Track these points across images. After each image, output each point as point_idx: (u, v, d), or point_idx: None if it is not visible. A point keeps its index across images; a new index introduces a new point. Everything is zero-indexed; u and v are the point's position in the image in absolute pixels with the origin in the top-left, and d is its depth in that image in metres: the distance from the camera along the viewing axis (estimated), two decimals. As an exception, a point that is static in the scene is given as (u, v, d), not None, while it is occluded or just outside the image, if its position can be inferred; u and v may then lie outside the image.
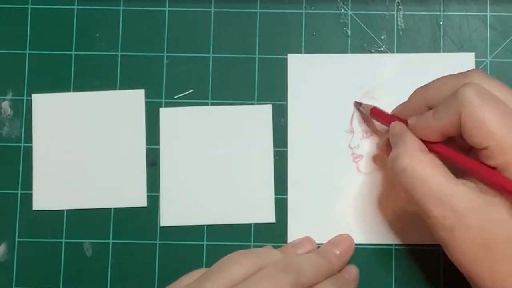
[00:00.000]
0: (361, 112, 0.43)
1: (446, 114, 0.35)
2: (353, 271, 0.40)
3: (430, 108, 0.37)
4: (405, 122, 0.38)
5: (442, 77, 0.38)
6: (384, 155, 0.40)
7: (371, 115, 0.42)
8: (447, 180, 0.34)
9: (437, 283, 0.42)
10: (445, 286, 0.42)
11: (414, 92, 0.39)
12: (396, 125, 0.38)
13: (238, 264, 0.36)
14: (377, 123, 0.43)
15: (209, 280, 0.35)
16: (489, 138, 0.33)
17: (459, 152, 0.36)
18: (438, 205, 0.34)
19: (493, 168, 0.34)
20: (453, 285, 0.42)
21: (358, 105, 0.43)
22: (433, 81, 0.38)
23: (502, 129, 0.33)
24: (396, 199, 0.42)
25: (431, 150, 0.36)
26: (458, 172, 0.35)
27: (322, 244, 0.42)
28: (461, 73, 0.37)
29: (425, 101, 0.37)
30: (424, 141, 0.37)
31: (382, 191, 0.43)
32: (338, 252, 0.40)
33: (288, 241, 0.42)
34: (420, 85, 0.39)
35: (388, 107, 0.43)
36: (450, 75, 0.37)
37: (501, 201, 0.33)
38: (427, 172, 0.35)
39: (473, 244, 0.34)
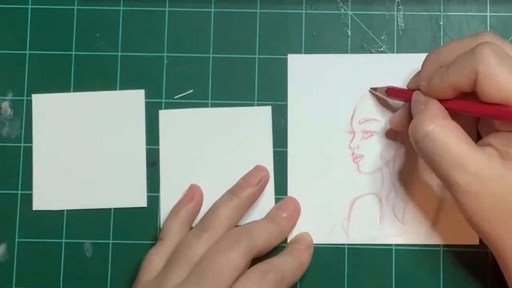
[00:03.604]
0: (378, 98, 0.43)
1: (462, 70, 0.35)
2: (304, 240, 0.42)
3: None
4: None
5: (453, 40, 0.38)
6: (399, 130, 0.41)
7: (387, 95, 0.41)
8: (470, 147, 0.35)
9: (437, 283, 0.42)
10: (444, 286, 0.42)
11: (426, 59, 0.39)
12: (419, 93, 0.38)
13: (193, 248, 0.39)
14: (393, 103, 0.42)
15: (171, 271, 0.38)
16: (507, 94, 0.33)
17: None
18: (462, 172, 0.34)
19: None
20: (453, 285, 0.42)
21: (374, 90, 0.43)
22: (445, 45, 0.38)
23: None
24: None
25: (447, 108, 0.36)
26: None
27: (322, 244, 0.42)
28: (473, 35, 0.37)
29: (439, 64, 0.37)
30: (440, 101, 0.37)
31: (382, 191, 0.43)
32: (285, 214, 0.42)
33: (288, 241, 0.42)
34: (432, 51, 0.39)
35: (388, 107, 0.43)
36: (461, 38, 0.38)
37: None
38: (450, 139, 0.35)
39: (497, 211, 0.34)
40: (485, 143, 0.36)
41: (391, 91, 0.41)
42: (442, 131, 0.35)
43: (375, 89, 0.43)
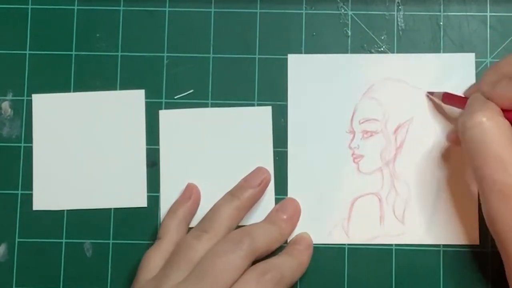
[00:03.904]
0: (434, 103, 0.42)
1: None
2: (304, 240, 0.42)
3: None
4: None
5: None
6: (452, 144, 0.41)
7: (444, 101, 0.41)
8: None
9: (437, 283, 0.42)
10: (445, 286, 0.42)
11: (487, 69, 0.39)
12: (478, 95, 0.38)
13: (193, 248, 0.39)
14: (449, 111, 0.42)
15: (170, 271, 0.38)
16: None
17: None
18: (503, 172, 0.34)
19: None
20: (453, 285, 0.42)
21: (430, 94, 0.42)
22: (506, 56, 0.38)
23: None
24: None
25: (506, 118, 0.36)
26: None
27: (322, 244, 0.42)
28: None
29: (501, 75, 0.37)
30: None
31: (382, 191, 0.43)
32: (285, 216, 0.42)
33: (288, 241, 0.42)
34: (494, 62, 0.39)
35: (389, 108, 0.43)
36: None
37: None
38: (501, 136, 0.35)
39: None
40: None
41: (448, 97, 0.41)
42: (494, 125, 0.35)
43: (431, 93, 0.42)
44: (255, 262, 0.39)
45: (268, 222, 0.42)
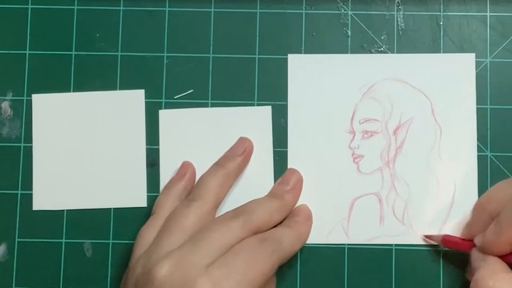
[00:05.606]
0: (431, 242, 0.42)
1: (510, 225, 0.35)
2: (303, 212, 0.42)
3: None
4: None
5: (496, 186, 0.38)
6: None
7: (443, 244, 0.41)
8: None
9: (437, 283, 0.42)
10: (444, 286, 0.42)
11: (473, 209, 0.39)
12: (476, 251, 0.38)
13: (184, 215, 0.39)
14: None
15: (163, 239, 0.38)
16: None
17: None
18: None
19: None
20: (453, 285, 0.42)
21: (428, 237, 0.42)
22: (488, 191, 0.38)
23: None
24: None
25: (508, 263, 0.36)
26: None
27: (322, 244, 0.42)
28: None
29: (488, 214, 0.37)
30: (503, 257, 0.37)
31: (382, 191, 0.43)
32: (288, 188, 0.42)
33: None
34: (477, 201, 0.39)
35: (389, 108, 0.43)
36: (503, 182, 0.38)
37: None
38: None
39: None
40: None
41: (447, 242, 0.41)
42: (502, 285, 0.35)
43: (430, 236, 0.42)
44: None
45: (269, 196, 0.42)
